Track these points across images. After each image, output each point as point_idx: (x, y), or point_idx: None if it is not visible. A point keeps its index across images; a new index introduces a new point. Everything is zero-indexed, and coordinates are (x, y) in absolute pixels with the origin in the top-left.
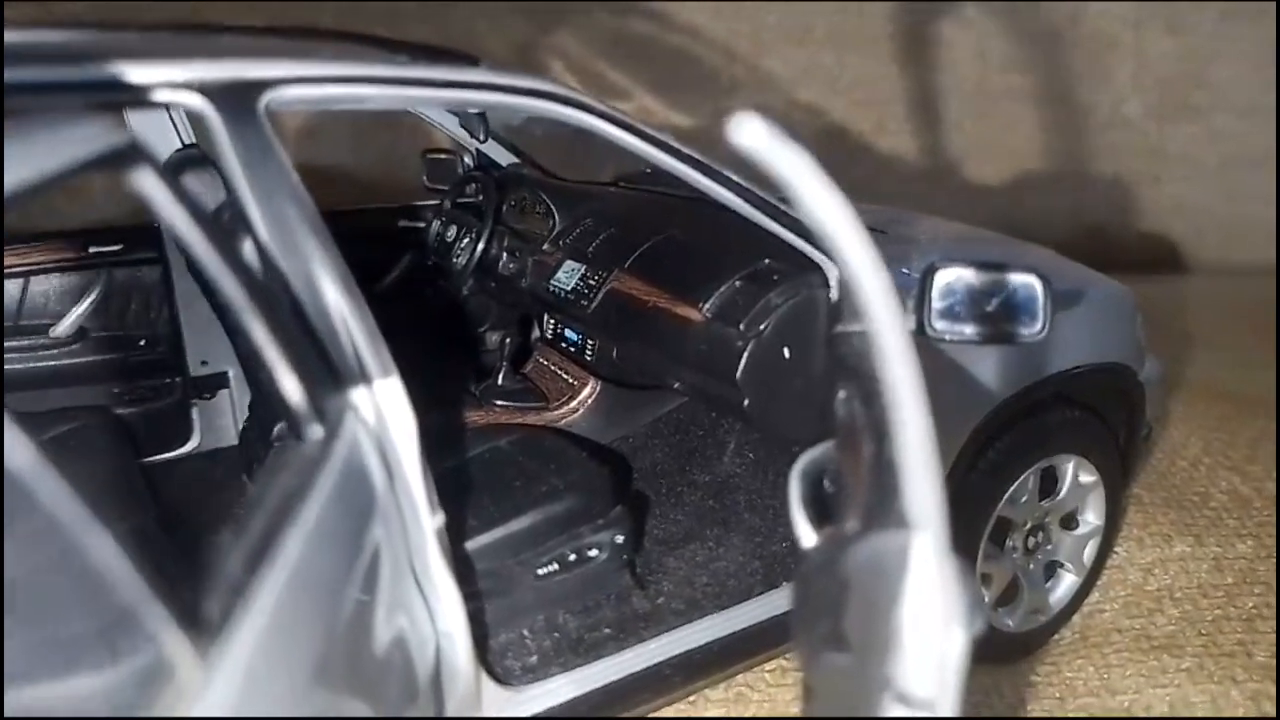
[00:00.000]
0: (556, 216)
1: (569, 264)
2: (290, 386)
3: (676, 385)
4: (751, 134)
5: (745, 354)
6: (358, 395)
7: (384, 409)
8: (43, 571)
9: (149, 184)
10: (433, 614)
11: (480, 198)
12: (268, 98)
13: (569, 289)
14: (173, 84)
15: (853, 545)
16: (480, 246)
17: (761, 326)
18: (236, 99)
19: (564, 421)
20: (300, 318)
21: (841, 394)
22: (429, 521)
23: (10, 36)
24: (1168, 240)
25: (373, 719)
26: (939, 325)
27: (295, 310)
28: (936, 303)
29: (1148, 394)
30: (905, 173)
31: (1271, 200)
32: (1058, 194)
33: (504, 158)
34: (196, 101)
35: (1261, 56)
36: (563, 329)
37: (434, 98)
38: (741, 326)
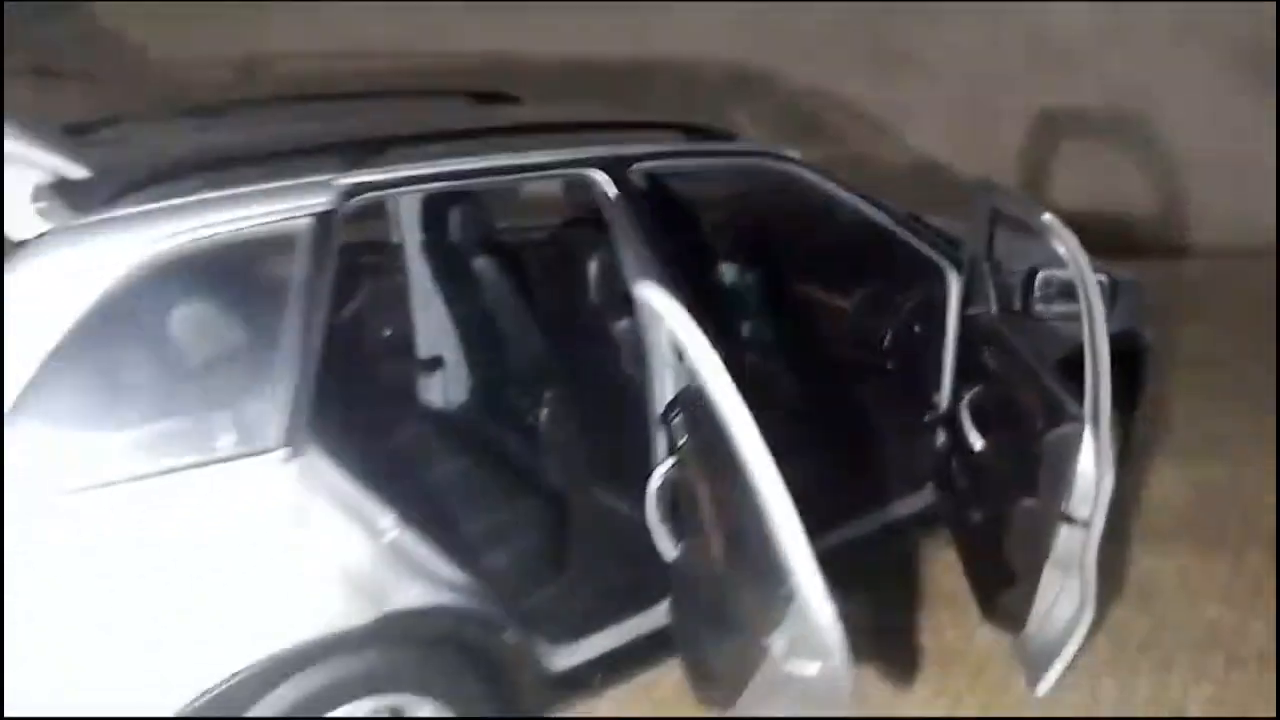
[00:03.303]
0: None
1: None
2: None
3: None
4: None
5: None
6: None
7: None
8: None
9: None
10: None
11: None
12: (634, 168)
13: None
14: (579, 160)
15: None
16: None
17: None
18: (619, 169)
19: None
20: None
21: None
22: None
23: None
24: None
25: None
26: (1038, 308)
27: None
28: (1037, 293)
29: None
30: (899, 175)
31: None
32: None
33: None
34: (595, 173)
35: (1209, 72)
36: None
37: (727, 165)
38: None
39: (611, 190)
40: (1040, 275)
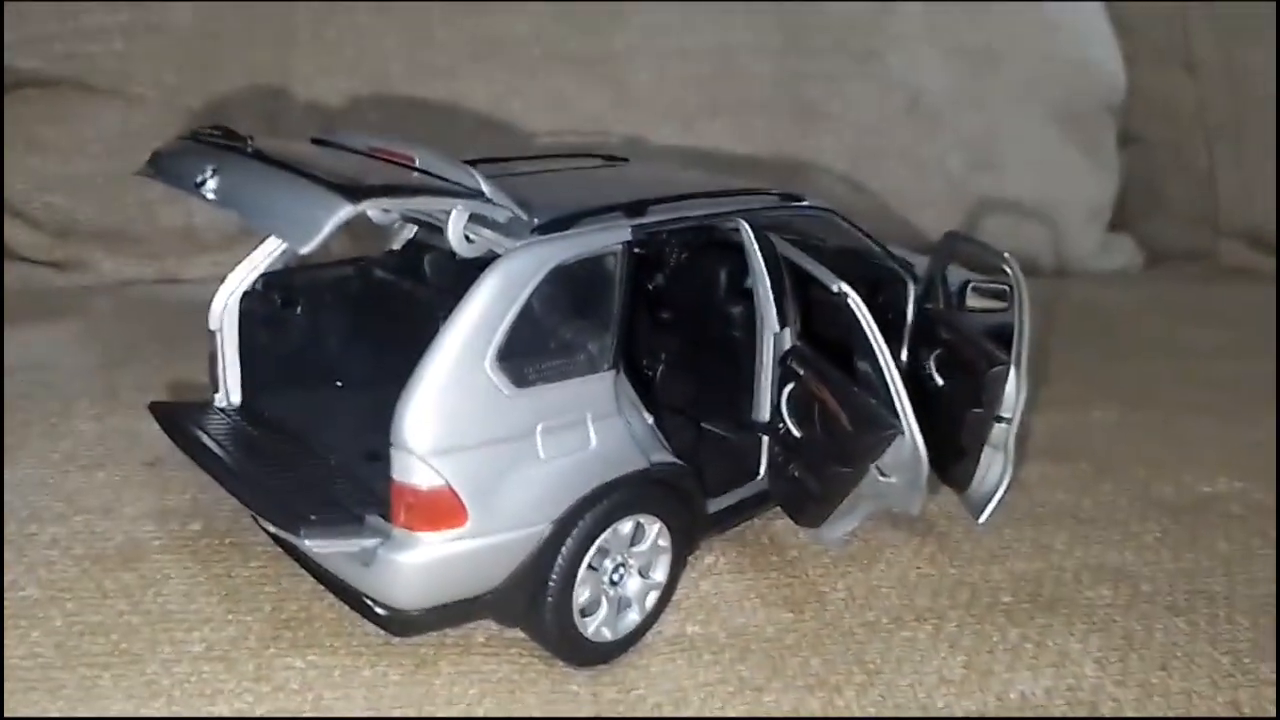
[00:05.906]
0: None
1: None
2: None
3: None
4: None
5: None
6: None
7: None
8: None
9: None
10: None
11: None
12: (760, 216)
13: None
14: (735, 213)
15: None
16: None
17: None
18: (754, 219)
19: None
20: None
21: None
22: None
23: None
24: None
25: None
26: (970, 304)
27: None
28: (969, 294)
29: None
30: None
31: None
32: (906, 222)
33: None
34: (742, 220)
35: (1037, 127)
36: None
37: (797, 214)
38: None
39: (750, 231)
40: (970, 285)
